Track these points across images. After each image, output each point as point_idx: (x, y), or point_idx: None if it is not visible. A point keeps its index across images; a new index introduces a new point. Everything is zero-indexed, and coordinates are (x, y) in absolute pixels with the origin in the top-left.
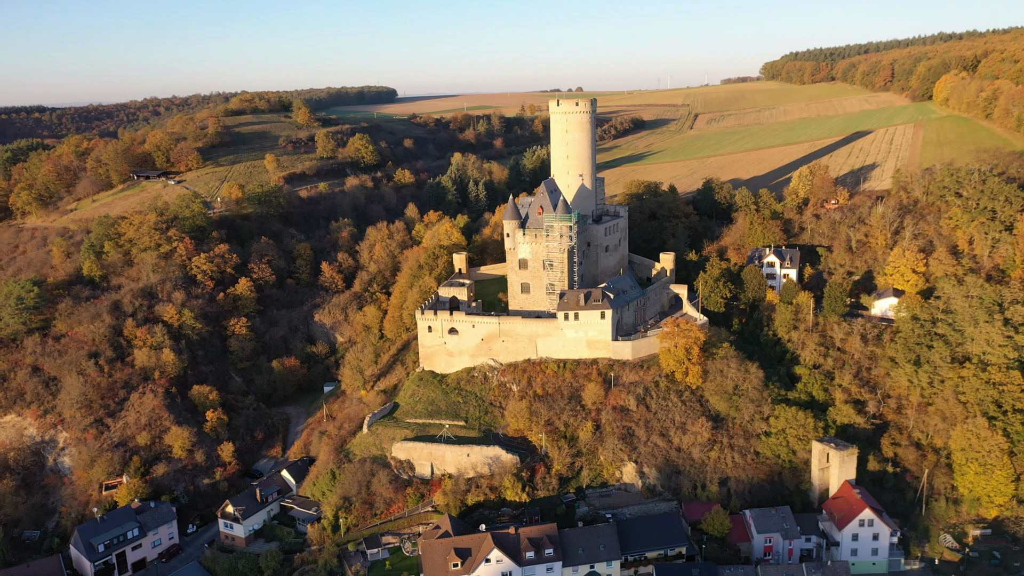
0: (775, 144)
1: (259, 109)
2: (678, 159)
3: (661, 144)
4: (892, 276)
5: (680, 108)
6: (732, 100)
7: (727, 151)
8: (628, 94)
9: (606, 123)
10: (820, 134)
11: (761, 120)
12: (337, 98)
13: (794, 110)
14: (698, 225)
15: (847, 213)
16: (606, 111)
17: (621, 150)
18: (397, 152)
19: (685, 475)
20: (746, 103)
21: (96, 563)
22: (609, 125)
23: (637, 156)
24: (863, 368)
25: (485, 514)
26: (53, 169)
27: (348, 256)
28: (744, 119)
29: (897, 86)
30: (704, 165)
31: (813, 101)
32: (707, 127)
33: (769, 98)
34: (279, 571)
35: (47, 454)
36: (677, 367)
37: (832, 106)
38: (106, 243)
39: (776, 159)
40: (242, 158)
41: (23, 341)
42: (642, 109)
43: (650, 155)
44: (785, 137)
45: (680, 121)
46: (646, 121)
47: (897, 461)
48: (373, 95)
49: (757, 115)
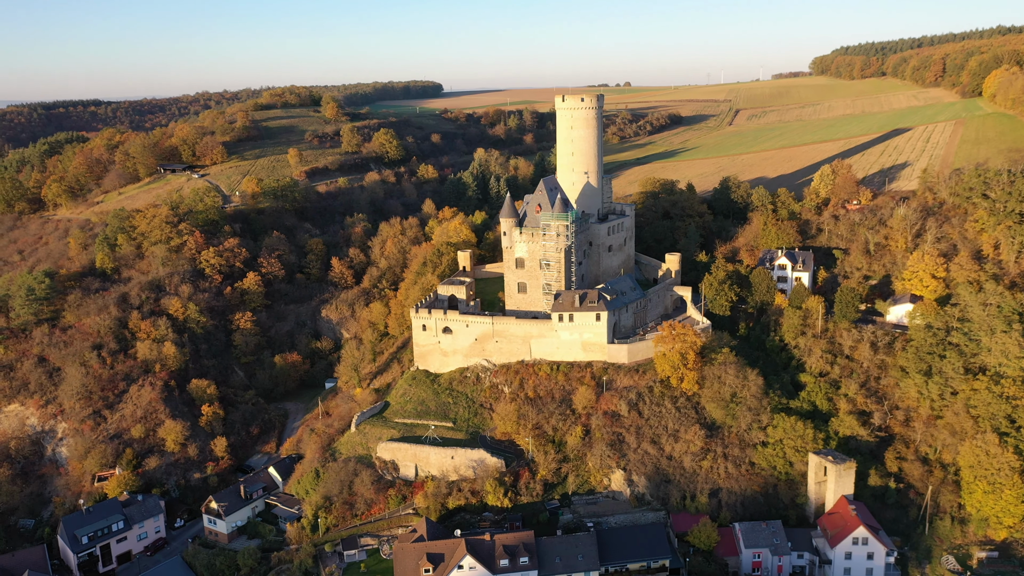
0: (810, 141)
1: (289, 103)
2: (710, 156)
3: (697, 140)
4: (910, 281)
5: (721, 104)
6: (776, 96)
7: (760, 148)
8: (673, 89)
9: (641, 119)
10: (858, 131)
11: (803, 116)
12: (383, 93)
13: (838, 106)
14: (712, 225)
15: (867, 214)
16: (644, 107)
17: (656, 146)
18: (424, 147)
19: (675, 484)
20: (790, 99)
21: (79, 555)
22: (645, 121)
23: (670, 153)
24: (872, 378)
25: (466, 518)
26: (84, 162)
27: (360, 252)
28: (786, 115)
29: (948, 82)
30: (734, 163)
31: (859, 97)
32: (747, 123)
33: (814, 94)
34: (256, 569)
35: (46, 444)
36: (672, 372)
37: (878, 102)
38: (119, 236)
39: (807, 157)
40: (267, 152)
41: (32, 331)
42: (681, 105)
43: (683, 152)
44: (822, 134)
45: (719, 117)
46: (684, 117)
47: (901, 476)
48: (419, 90)
49: (800, 111)
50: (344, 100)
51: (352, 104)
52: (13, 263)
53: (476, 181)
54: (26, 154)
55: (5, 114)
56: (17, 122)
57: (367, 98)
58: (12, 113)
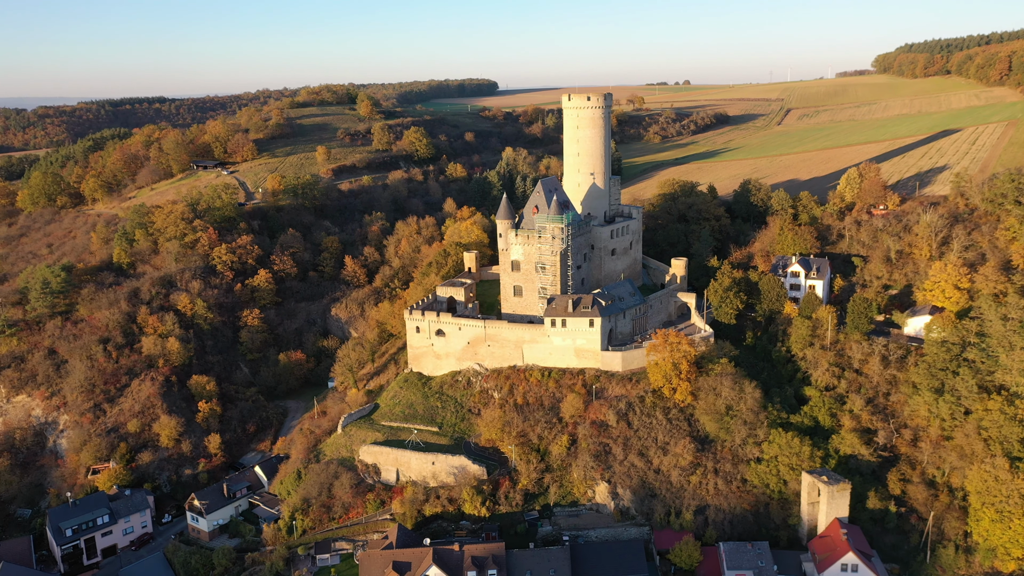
0: (854, 143)
1: (325, 101)
2: (750, 157)
3: (741, 140)
4: (932, 292)
5: (773, 103)
6: (832, 95)
7: (802, 149)
8: (729, 88)
9: (686, 118)
10: (905, 132)
11: (856, 116)
12: (437, 90)
13: (895, 106)
14: (730, 229)
15: (891, 220)
16: (690, 105)
17: (698, 146)
18: (456, 146)
19: (660, 499)
20: (846, 98)
21: (63, 547)
22: (689, 120)
23: (710, 153)
24: (881, 393)
25: (443, 526)
26: (120, 158)
27: (375, 251)
28: (838, 115)
29: (1013, 81)
30: (772, 164)
31: (918, 96)
32: (796, 123)
33: (872, 93)
34: (230, 569)
35: (49, 435)
36: (664, 383)
37: (936, 102)
38: (137, 231)
39: (846, 159)
40: (298, 150)
41: (45, 324)
42: (730, 104)
43: (725, 152)
44: (868, 135)
45: (768, 117)
46: (731, 116)
47: (904, 500)
48: (474, 87)
49: (854, 111)
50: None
51: (406, 102)
52: (41, 256)
53: (502, 180)
54: (72, 150)
55: (75, 111)
56: (85, 118)
57: (421, 96)
58: (81, 110)
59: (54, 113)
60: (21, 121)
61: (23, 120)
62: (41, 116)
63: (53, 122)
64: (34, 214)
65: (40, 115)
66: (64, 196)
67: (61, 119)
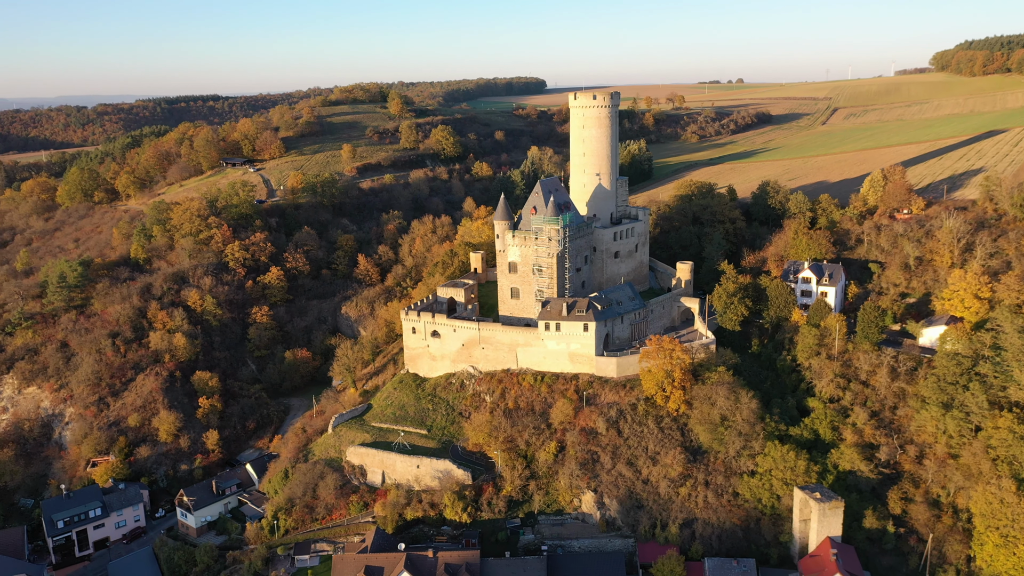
0: (894, 143)
1: (358, 99)
2: (786, 157)
3: (781, 140)
4: (950, 301)
5: (820, 102)
6: (882, 94)
7: (840, 150)
8: (779, 86)
9: (725, 117)
10: (949, 133)
11: (905, 116)
12: (485, 89)
13: (947, 105)
14: (745, 232)
15: (912, 225)
16: (732, 104)
17: (736, 146)
18: (485, 144)
19: (646, 510)
20: (897, 97)
21: (55, 538)
22: (728, 120)
23: (747, 153)
24: (887, 407)
25: (424, 531)
26: (153, 155)
27: (389, 249)
28: (887, 115)
29: None
30: (805, 165)
31: (974, 95)
32: (842, 123)
33: (926, 91)
34: (212, 567)
35: (55, 427)
36: (656, 391)
37: (991, 101)
38: (155, 227)
39: (882, 160)
40: (326, 147)
41: (60, 317)
42: (774, 103)
43: (762, 152)
44: (910, 136)
45: (813, 116)
46: (773, 116)
47: (904, 520)
48: (521, 86)
49: (903, 111)
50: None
51: (453, 100)
52: (67, 250)
53: (525, 180)
54: (111, 147)
55: (132, 108)
56: (142, 116)
57: (468, 94)
58: (138, 107)
59: (112, 111)
60: (81, 118)
61: (83, 117)
62: (100, 114)
63: (111, 119)
64: (70, 209)
65: (99, 112)
66: (101, 192)
67: (119, 116)
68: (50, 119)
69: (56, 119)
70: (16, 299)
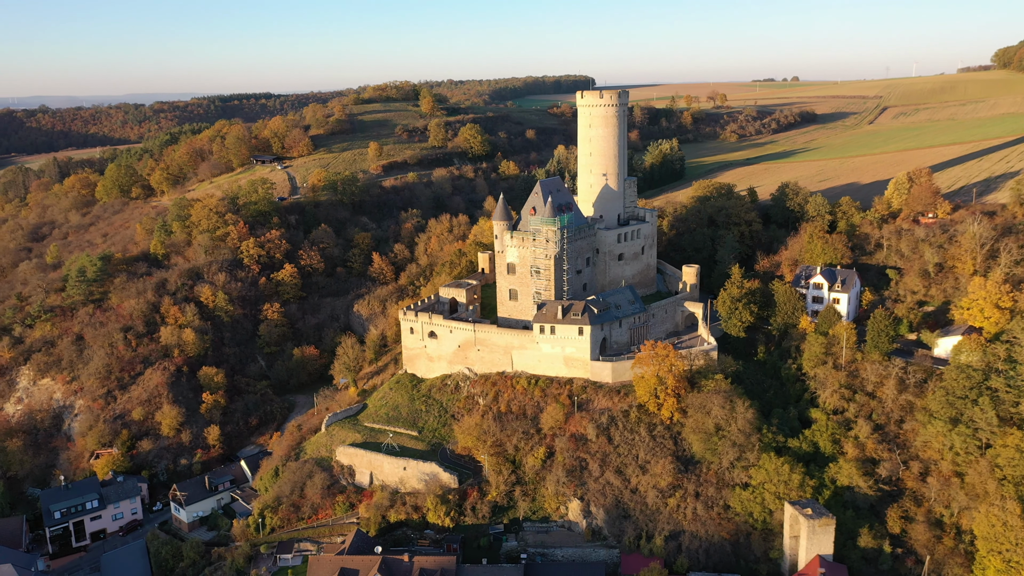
0: (938, 143)
1: (390, 97)
2: (824, 158)
3: (823, 140)
4: (969, 311)
5: (869, 101)
6: (936, 92)
7: (880, 150)
8: (834, 84)
9: (767, 116)
10: (997, 133)
11: (958, 115)
12: (532, 87)
13: (1004, 104)
14: (762, 235)
15: (934, 230)
16: (777, 103)
17: (776, 146)
18: (516, 143)
19: (632, 521)
20: (952, 95)
21: (52, 528)
22: (770, 119)
23: (785, 153)
24: (893, 420)
25: (407, 534)
26: (186, 152)
27: (405, 248)
28: (938, 114)
29: None
30: (841, 166)
31: None
32: (889, 122)
33: (983, 90)
34: (198, 562)
35: (65, 418)
36: (649, 398)
37: None
38: (175, 224)
39: (921, 161)
40: (354, 145)
41: (78, 310)
42: (820, 102)
43: (800, 152)
44: (955, 136)
45: (860, 115)
46: (818, 115)
47: (903, 539)
48: (570, 84)
49: (956, 110)
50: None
51: (500, 98)
52: (95, 245)
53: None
54: (151, 144)
55: (187, 106)
56: (196, 113)
57: (515, 92)
58: (193, 105)
59: (168, 108)
60: (138, 116)
61: (140, 115)
62: (156, 111)
63: (167, 116)
64: (106, 204)
65: (155, 110)
66: (138, 188)
67: (174, 114)
68: (109, 116)
69: (115, 116)
70: (40, 292)
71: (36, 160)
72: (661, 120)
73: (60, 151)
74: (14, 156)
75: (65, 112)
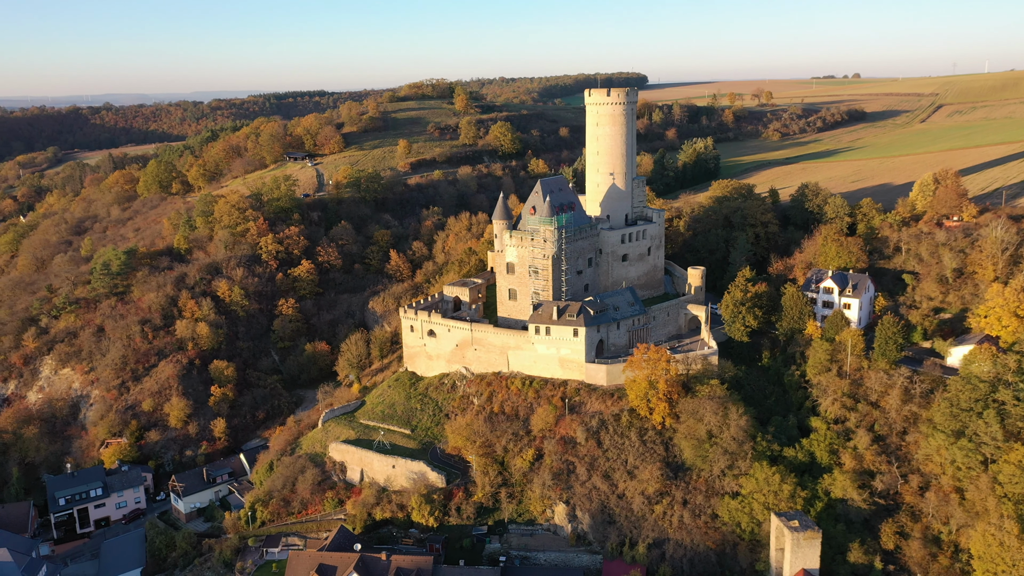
0: (987, 143)
1: (425, 95)
2: (865, 157)
3: (869, 139)
4: (986, 319)
5: (924, 98)
6: (997, 89)
7: (925, 150)
8: (893, 81)
9: (813, 114)
10: None
11: (1016, 113)
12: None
13: None
14: (779, 237)
15: (956, 234)
16: (824, 100)
17: (820, 144)
18: (548, 141)
19: (617, 527)
20: (1013, 92)
21: (56, 515)
22: (816, 117)
23: (825, 153)
24: (895, 432)
25: (392, 532)
26: (223, 148)
27: (423, 246)
28: (996, 112)
29: None
30: (880, 166)
31: None
32: (942, 121)
33: None
34: (190, 553)
35: (82, 408)
36: (640, 402)
37: None
38: (198, 219)
39: (965, 161)
40: (386, 143)
41: (101, 303)
42: (871, 100)
43: (844, 151)
44: (1007, 134)
45: (913, 113)
46: (867, 113)
47: (896, 556)
48: (622, 81)
49: (1016, 107)
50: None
51: (549, 96)
52: (127, 239)
53: (576, 177)
54: (193, 140)
55: (243, 103)
56: (252, 110)
57: (566, 90)
58: (249, 102)
59: (225, 106)
60: (196, 113)
61: (198, 112)
62: (214, 108)
63: (224, 113)
64: (145, 200)
65: (213, 107)
66: (178, 184)
67: (231, 111)
68: (168, 113)
69: (174, 113)
70: (67, 284)
71: (94, 156)
72: (702, 118)
73: (119, 147)
74: (77, 152)
75: (128, 109)
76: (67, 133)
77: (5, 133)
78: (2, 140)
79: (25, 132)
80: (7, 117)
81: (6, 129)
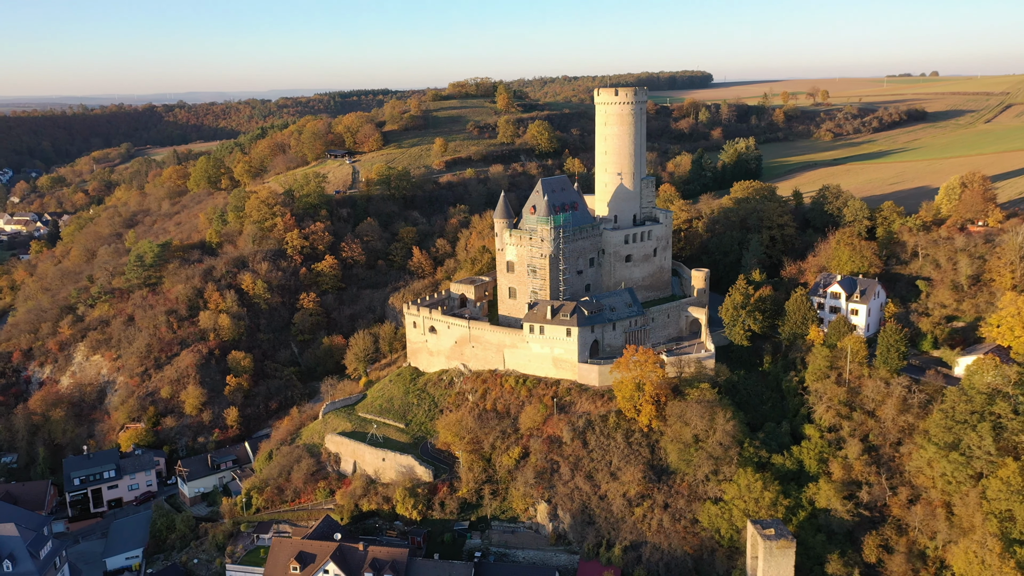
0: None
1: (468, 94)
2: (917, 159)
3: (927, 140)
4: (998, 328)
5: (993, 98)
6: None
7: (978, 152)
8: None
9: (869, 114)
10: None
11: None
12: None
13: None
14: (795, 239)
15: (975, 239)
16: (883, 99)
17: (874, 145)
18: (588, 140)
19: (596, 528)
20: None
21: (71, 494)
22: (872, 116)
23: (875, 154)
24: (889, 442)
25: (377, 524)
26: (267, 146)
27: (447, 243)
28: None
29: None
30: (925, 168)
31: None
32: (1009, 121)
33: None
34: (187, 535)
35: (108, 393)
36: (627, 404)
37: None
38: (231, 214)
39: (1015, 163)
40: (424, 141)
41: (134, 293)
42: (934, 99)
43: (896, 152)
44: None
45: (978, 113)
46: (928, 113)
47: (877, 570)
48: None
49: None
50: None
51: None
52: (168, 232)
53: None
54: (243, 139)
55: (309, 101)
56: (317, 108)
57: None
58: (315, 100)
59: (291, 103)
60: (264, 110)
61: (265, 110)
62: (280, 106)
63: (290, 111)
64: (194, 195)
65: (280, 105)
66: (226, 179)
67: (296, 108)
68: (237, 111)
69: (242, 111)
70: (106, 275)
71: (163, 152)
72: (751, 118)
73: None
74: (148, 148)
75: (199, 107)
76: (142, 130)
77: (85, 130)
78: (82, 136)
79: (104, 129)
80: (89, 114)
81: (87, 126)
